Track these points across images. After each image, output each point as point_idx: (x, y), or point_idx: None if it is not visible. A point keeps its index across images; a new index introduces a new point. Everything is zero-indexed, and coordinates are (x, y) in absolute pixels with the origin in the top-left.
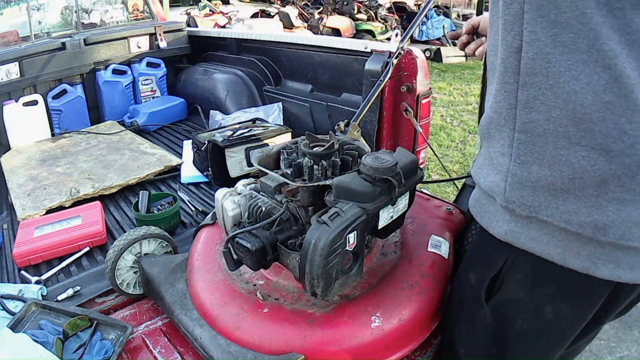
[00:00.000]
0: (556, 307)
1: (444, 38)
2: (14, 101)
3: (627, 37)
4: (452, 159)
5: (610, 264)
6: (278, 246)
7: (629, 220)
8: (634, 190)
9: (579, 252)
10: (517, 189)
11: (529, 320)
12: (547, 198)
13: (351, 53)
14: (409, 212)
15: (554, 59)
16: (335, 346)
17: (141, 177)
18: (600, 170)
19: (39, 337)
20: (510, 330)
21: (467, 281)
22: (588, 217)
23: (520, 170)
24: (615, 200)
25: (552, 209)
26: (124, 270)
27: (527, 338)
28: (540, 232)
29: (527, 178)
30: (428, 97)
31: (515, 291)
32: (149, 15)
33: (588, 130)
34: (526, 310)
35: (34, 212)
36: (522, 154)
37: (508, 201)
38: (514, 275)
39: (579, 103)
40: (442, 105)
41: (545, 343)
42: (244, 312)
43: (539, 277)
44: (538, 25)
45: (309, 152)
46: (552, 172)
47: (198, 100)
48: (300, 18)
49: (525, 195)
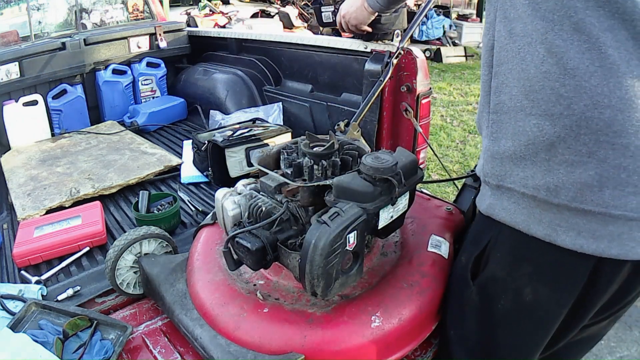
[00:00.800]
0: (534, 288)
1: (444, 38)
2: (14, 101)
3: (556, 15)
4: (452, 159)
5: (570, 232)
6: (278, 246)
7: (579, 181)
8: (580, 151)
9: (541, 218)
10: (489, 162)
11: (510, 301)
12: (510, 167)
13: (351, 53)
14: (409, 212)
15: (510, 48)
16: (336, 346)
17: (141, 177)
18: (548, 134)
19: (39, 337)
20: (495, 311)
21: (459, 262)
22: (541, 180)
23: (493, 145)
24: (565, 162)
25: (514, 176)
26: (124, 270)
27: (510, 320)
28: (509, 202)
29: (497, 151)
30: (428, 97)
31: (496, 269)
32: (149, 15)
33: (535, 100)
34: (507, 289)
35: (34, 212)
36: (494, 131)
37: (485, 175)
38: (495, 253)
39: (526, 78)
40: (442, 105)
41: (528, 327)
42: (244, 312)
43: (518, 255)
44: (502, 24)
45: (309, 152)
46: (513, 143)
47: (198, 100)
48: (300, 18)
49: (495, 166)
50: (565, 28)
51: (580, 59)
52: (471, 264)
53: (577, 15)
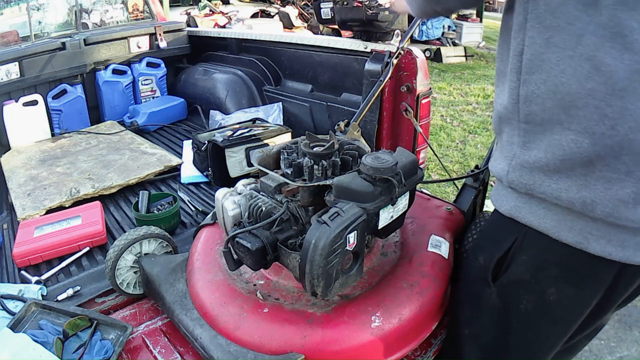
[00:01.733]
0: (560, 288)
1: (444, 38)
2: (14, 101)
3: (609, 31)
4: (452, 159)
5: (601, 240)
6: (278, 246)
7: (616, 198)
8: (619, 169)
9: (572, 226)
10: (517, 170)
11: (532, 301)
12: (541, 178)
13: (351, 53)
14: (409, 212)
15: (547, 58)
16: (336, 346)
17: (141, 177)
18: (587, 152)
19: (39, 337)
20: (514, 311)
21: (475, 262)
22: (577, 193)
23: (522, 154)
24: (603, 179)
25: (544, 187)
26: (124, 270)
27: (529, 320)
28: (539, 207)
29: (526, 161)
30: (428, 97)
31: (521, 272)
32: (149, 15)
33: (575, 116)
34: (530, 290)
35: (34, 212)
36: (527, 141)
37: (510, 182)
38: (520, 256)
39: (566, 92)
40: (442, 105)
41: (547, 326)
42: (244, 312)
43: (544, 259)
44: (535, 31)
45: (309, 152)
46: (546, 155)
47: (198, 100)
48: (300, 18)
49: (523, 175)
50: (617, 47)
51: (629, 80)
52: (493, 266)
53: (632, 35)
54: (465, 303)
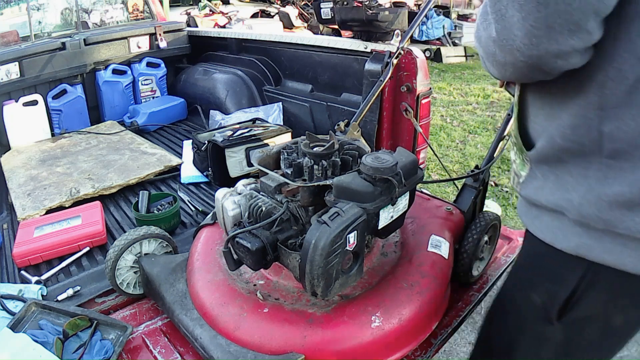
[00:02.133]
0: (627, 313)
1: (444, 38)
2: (14, 101)
3: None
4: (452, 159)
5: None
6: (278, 246)
7: None
8: None
9: None
10: (594, 205)
11: (597, 329)
12: (622, 212)
13: (351, 53)
14: (409, 212)
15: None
16: (336, 346)
17: (141, 177)
18: None
19: (39, 337)
20: (577, 341)
21: (528, 301)
22: None
23: (601, 188)
24: None
25: (627, 222)
26: (124, 270)
27: (591, 346)
28: (614, 243)
29: (605, 194)
30: (428, 97)
31: (591, 308)
32: (149, 15)
33: None
34: (597, 321)
35: (34, 212)
36: (608, 176)
37: (582, 216)
38: (589, 293)
39: None
40: (442, 105)
41: (608, 347)
42: (244, 312)
43: (616, 292)
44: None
45: (309, 152)
46: (630, 189)
47: (198, 100)
48: (300, 18)
49: (602, 209)
50: None
51: None
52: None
53: None
54: (523, 342)
